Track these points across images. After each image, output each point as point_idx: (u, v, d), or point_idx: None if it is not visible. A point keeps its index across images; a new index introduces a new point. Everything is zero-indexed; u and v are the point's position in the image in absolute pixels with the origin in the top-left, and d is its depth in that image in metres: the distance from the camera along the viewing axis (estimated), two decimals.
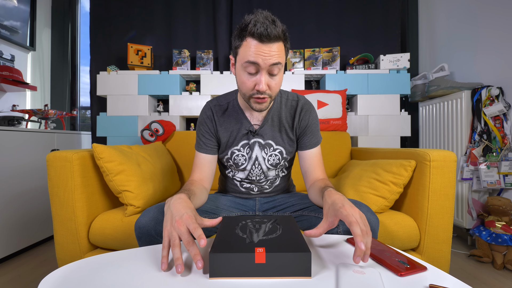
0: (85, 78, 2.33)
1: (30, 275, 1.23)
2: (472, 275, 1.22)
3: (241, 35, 0.67)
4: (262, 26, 0.63)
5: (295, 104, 0.86)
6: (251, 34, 0.64)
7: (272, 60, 0.65)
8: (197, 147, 0.86)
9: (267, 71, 0.68)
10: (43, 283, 0.42)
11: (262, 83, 0.67)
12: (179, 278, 0.44)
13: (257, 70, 0.67)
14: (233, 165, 0.87)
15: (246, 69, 0.68)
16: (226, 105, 0.86)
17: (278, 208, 0.89)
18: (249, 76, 0.69)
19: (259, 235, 0.52)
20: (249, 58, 0.65)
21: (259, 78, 0.68)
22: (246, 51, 0.66)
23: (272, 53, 0.65)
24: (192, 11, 2.00)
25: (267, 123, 0.84)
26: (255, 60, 0.65)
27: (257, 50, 0.64)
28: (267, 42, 0.64)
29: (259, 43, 0.64)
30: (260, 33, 0.63)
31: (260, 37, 0.63)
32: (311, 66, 1.88)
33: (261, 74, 0.67)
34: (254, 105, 0.73)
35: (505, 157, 1.41)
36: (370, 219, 0.68)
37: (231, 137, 0.85)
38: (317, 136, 0.87)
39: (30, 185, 1.49)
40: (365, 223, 0.50)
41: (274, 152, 0.85)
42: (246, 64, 0.67)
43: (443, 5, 1.91)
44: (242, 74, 0.70)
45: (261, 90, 0.68)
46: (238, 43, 0.68)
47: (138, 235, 0.67)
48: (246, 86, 0.70)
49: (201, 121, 0.86)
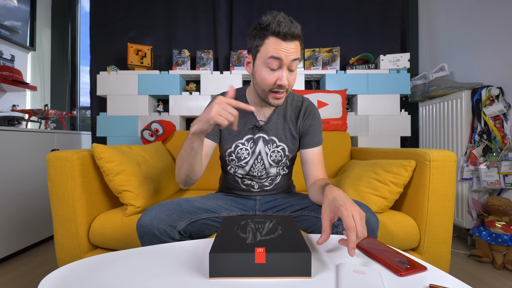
0: (85, 78, 2.34)
1: (30, 275, 1.23)
2: (472, 275, 1.22)
3: (263, 35, 0.72)
4: (286, 25, 0.69)
5: (300, 105, 0.90)
6: (275, 33, 0.69)
7: (293, 56, 0.71)
8: None
9: (287, 67, 0.73)
10: (43, 283, 0.42)
11: (284, 78, 0.72)
12: (179, 278, 0.44)
13: (279, 65, 0.72)
14: (235, 159, 0.88)
15: (269, 65, 0.72)
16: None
17: (278, 208, 0.89)
18: (270, 72, 0.73)
19: (259, 235, 0.52)
20: (273, 54, 0.70)
21: (281, 73, 0.73)
22: (269, 48, 0.71)
23: (293, 50, 0.71)
24: (192, 11, 2.00)
25: (272, 119, 0.87)
26: (278, 56, 0.70)
27: (281, 47, 0.70)
28: (290, 40, 0.70)
29: (282, 41, 0.70)
30: (285, 32, 0.69)
31: (284, 36, 0.69)
32: (311, 66, 1.88)
33: (283, 70, 0.73)
34: (272, 100, 0.77)
35: (505, 157, 1.41)
36: (370, 219, 0.68)
37: (235, 131, 0.87)
38: (319, 136, 0.89)
39: (30, 185, 1.49)
40: (363, 224, 0.51)
41: (276, 149, 0.87)
42: (269, 60, 0.71)
43: (443, 5, 1.91)
44: (264, 70, 0.74)
45: (283, 85, 0.73)
46: (259, 42, 0.73)
47: (140, 234, 0.67)
48: (267, 82, 0.74)
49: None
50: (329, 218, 0.55)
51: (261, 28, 0.72)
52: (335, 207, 0.54)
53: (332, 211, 0.55)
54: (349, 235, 0.48)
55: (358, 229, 0.49)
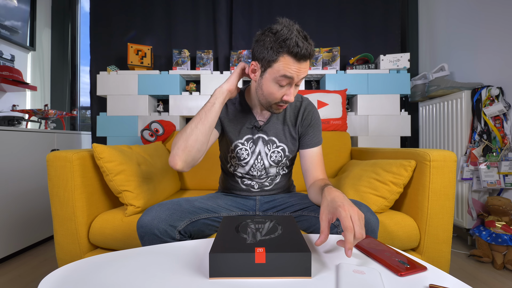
0: (85, 78, 2.34)
1: (30, 275, 1.23)
2: (472, 275, 1.22)
3: (278, 51, 0.69)
4: (303, 47, 0.67)
5: (299, 105, 0.90)
6: (293, 53, 0.68)
7: (303, 75, 0.73)
8: None
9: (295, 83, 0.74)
10: (43, 283, 0.42)
11: (292, 95, 0.74)
12: (179, 278, 0.44)
13: (288, 83, 0.73)
14: (235, 158, 0.89)
15: (279, 82, 0.72)
16: (235, 100, 0.91)
17: (278, 208, 0.89)
18: (279, 88, 0.74)
19: (259, 235, 0.52)
20: (286, 74, 0.70)
21: (289, 91, 0.74)
22: (282, 67, 0.70)
23: (304, 69, 0.72)
24: (192, 11, 2.00)
25: (271, 120, 0.88)
26: (291, 76, 0.70)
27: (294, 66, 0.70)
28: (304, 61, 0.70)
29: (296, 62, 0.70)
30: (302, 54, 0.68)
31: (300, 57, 0.69)
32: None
33: (291, 87, 0.74)
34: (275, 110, 0.79)
35: (505, 157, 1.41)
36: (370, 219, 0.68)
37: (235, 130, 0.88)
38: (318, 136, 0.89)
39: (30, 185, 1.49)
40: (361, 224, 0.51)
41: (277, 149, 0.88)
42: (280, 78, 0.71)
43: (443, 5, 1.91)
44: (273, 85, 0.74)
45: (290, 101, 0.75)
46: (273, 57, 0.70)
47: (140, 234, 0.67)
48: (274, 96, 0.75)
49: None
50: (327, 219, 0.55)
51: (277, 42, 0.68)
52: (333, 208, 0.54)
53: (331, 212, 0.55)
54: (346, 236, 0.48)
55: (356, 229, 0.49)
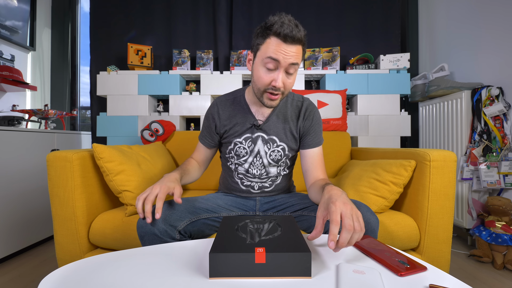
0: (85, 78, 2.34)
1: (30, 275, 1.23)
2: (472, 275, 1.22)
3: (265, 34, 0.71)
4: (288, 28, 0.68)
5: (300, 105, 0.90)
6: (277, 33, 0.69)
7: (292, 60, 0.71)
8: (199, 136, 0.95)
9: (285, 69, 0.73)
10: (43, 283, 0.42)
11: (279, 80, 0.72)
12: (179, 278, 0.44)
13: (276, 67, 0.72)
14: (234, 156, 0.90)
15: (266, 65, 0.72)
16: (232, 99, 0.91)
17: (278, 208, 0.89)
18: (267, 72, 0.73)
19: (259, 235, 0.52)
20: (271, 55, 0.70)
21: (277, 75, 0.72)
22: (268, 48, 0.71)
23: (292, 53, 0.70)
24: (192, 11, 2.00)
25: (271, 119, 0.88)
26: (276, 57, 0.70)
27: (280, 48, 0.69)
28: (290, 43, 0.69)
29: (282, 43, 0.69)
30: (286, 34, 0.68)
31: (285, 37, 0.68)
32: (311, 66, 1.88)
33: (279, 71, 0.72)
34: (266, 101, 0.77)
35: (505, 157, 1.41)
36: (370, 219, 0.68)
37: (233, 128, 0.88)
38: (319, 136, 0.89)
39: (30, 185, 1.49)
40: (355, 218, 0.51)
41: (277, 148, 0.88)
42: (267, 60, 0.71)
43: (443, 5, 1.91)
44: (261, 69, 0.74)
45: (277, 87, 0.73)
46: (261, 40, 0.73)
47: (140, 234, 0.67)
48: (262, 81, 0.74)
49: (207, 115, 0.93)
50: (322, 215, 0.55)
51: (266, 27, 0.71)
52: (327, 204, 0.55)
53: (326, 209, 0.55)
54: (331, 227, 0.49)
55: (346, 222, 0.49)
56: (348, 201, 0.55)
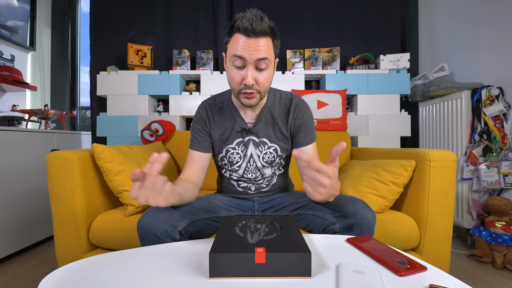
0: (85, 78, 2.34)
1: (30, 275, 1.23)
2: (472, 275, 1.22)
3: (230, 31, 0.70)
4: (248, 21, 0.65)
5: (288, 102, 0.87)
6: (238, 29, 0.67)
7: (259, 54, 0.68)
8: (190, 145, 0.87)
9: (255, 66, 0.70)
10: (43, 283, 0.42)
11: (249, 77, 0.69)
12: (179, 278, 0.44)
13: (243, 64, 0.70)
14: (227, 163, 0.88)
15: (234, 63, 0.70)
16: (220, 104, 0.88)
17: (276, 207, 0.89)
18: (236, 71, 0.71)
19: (259, 235, 0.52)
20: (236, 52, 0.68)
21: (245, 72, 0.70)
22: (233, 46, 0.69)
23: (258, 47, 0.67)
24: (192, 11, 2.00)
25: (260, 121, 0.85)
26: (241, 54, 0.68)
27: (243, 44, 0.67)
28: (253, 36, 0.67)
29: (245, 38, 0.67)
30: (245, 27, 0.65)
31: (246, 32, 0.66)
32: (311, 66, 1.87)
33: (247, 69, 0.69)
34: (243, 100, 0.75)
35: (505, 157, 1.41)
36: (367, 214, 0.68)
37: (224, 135, 0.86)
38: (312, 133, 0.87)
39: (30, 185, 1.49)
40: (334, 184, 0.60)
41: (269, 150, 0.86)
42: (233, 58, 0.69)
43: (443, 4, 1.91)
44: (230, 68, 0.72)
45: (247, 84, 0.70)
46: (227, 39, 0.72)
47: (140, 235, 0.67)
48: (234, 81, 0.73)
49: (196, 119, 0.88)
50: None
51: (231, 25, 0.70)
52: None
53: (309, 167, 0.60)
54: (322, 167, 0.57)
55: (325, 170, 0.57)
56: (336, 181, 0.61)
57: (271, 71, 0.74)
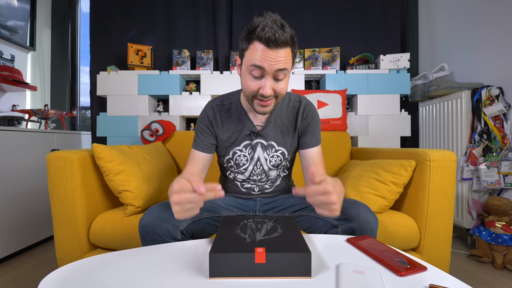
0: (85, 78, 2.34)
1: (30, 275, 1.23)
2: (472, 275, 1.22)
3: (249, 38, 0.67)
4: (270, 31, 0.62)
5: (297, 105, 0.87)
6: (259, 38, 0.64)
7: (278, 66, 0.65)
8: (193, 145, 0.86)
9: (273, 76, 0.68)
10: (43, 283, 0.42)
11: (267, 87, 0.67)
12: (179, 278, 0.44)
13: (262, 74, 0.67)
14: (234, 166, 0.87)
15: (252, 72, 0.68)
16: (229, 106, 0.86)
17: (278, 208, 0.89)
18: (254, 79, 0.69)
19: (259, 235, 0.52)
20: (255, 62, 0.65)
21: (264, 83, 0.68)
22: (252, 55, 0.66)
23: (278, 58, 0.65)
24: (192, 11, 2.00)
25: (270, 124, 0.84)
26: (261, 65, 0.65)
27: (264, 54, 0.64)
28: (274, 47, 0.64)
29: (266, 48, 0.64)
30: (268, 38, 0.62)
31: (267, 42, 0.63)
32: (311, 66, 1.87)
33: (266, 79, 0.67)
34: (257, 107, 0.73)
35: (505, 157, 1.41)
36: (369, 218, 0.68)
37: (232, 137, 0.85)
38: (318, 135, 0.87)
39: (30, 185, 1.49)
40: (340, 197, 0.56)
41: (276, 153, 0.86)
42: (251, 68, 0.67)
43: (443, 4, 1.91)
44: (247, 76, 0.70)
45: (265, 95, 0.68)
46: (245, 46, 0.68)
47: (142, 234, 0.67)
48: (250, 89, 0.70)
49: (201, 119, 0.87)
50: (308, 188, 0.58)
51: (249, 31, 0.66)
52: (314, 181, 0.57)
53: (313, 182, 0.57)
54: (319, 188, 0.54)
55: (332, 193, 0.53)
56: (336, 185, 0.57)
57: (288, 80, 0.72)
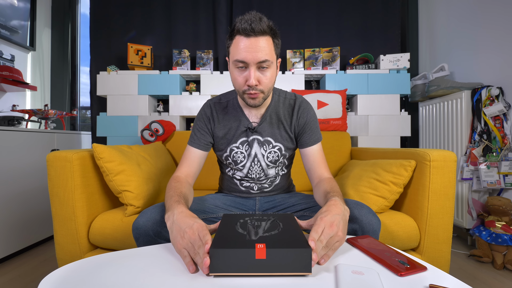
0: (85, 78, 2.34)
1: (30, 275, 1.23)
2: (472, 275, 1.22)
3: (231, 35, 0.72)
4: (247, 22, 0.67)
5: (292, 103, 0.88)
6: (238, 31, 0.69)
7: (259, 56, 0.69)
8: (189, 141, 0.86)
9: (257, 66, 0.71)
10: (43, 283, 0.42)
11: (252, 78, 0.70)
12: (179, 278, 0.44)
13: (246, 66, 0.71)
14: (232, 162, 0.88)
15: (237, 65, 0.72)
16: (226, 103, 0.89)
17: (278, 208, 0.89)
18: (239, 72, 0.73)
19: (260, 231, 0.52)
20: (238, 56, 0.70)
21: (248, 74, 0.71)
22: (235, 49, 0.70)
23: (258, 47, 0.68)
24: (192, 11, 2.00)
25: (265, 120, 0.86)
26: (243, 58, 0.69)
27: (244, 45, 0.68)
28: (253, 36, 0.68)
29: (245, 39, 0.68)
30: (244, 28, 0.67)
31: (245, 32, 0.67)
32: (311, 66, 1.87)
33: (250, 70, 0.71)
34: (248, 100, 0.76)
35: (505, 157, 1.41)
36: (372, 220, 0.68)
37: (229, 134, 0.86)
38: (316, 133, 0.87)
39: (30, 185, 1.49)
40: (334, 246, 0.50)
41: (273, 149, 0.87)
42: (236, 62, 0.71)
43: (443, 4, 1.91)
44: (234, 70, 0.74)
45: (251, 85, 0.71)
46: (229, 43, 0.74)
47: (135, 236, 0.67)
48: (238, 82, 0.74)
49: (199, 117, 0.89)
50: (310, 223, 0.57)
51: (231, 29, 0.72)
52: (317, 217, 0.53)
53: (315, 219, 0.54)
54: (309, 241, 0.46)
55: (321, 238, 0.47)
56: (338, 222, 0.51)
57: (273, 71, 0.75)
